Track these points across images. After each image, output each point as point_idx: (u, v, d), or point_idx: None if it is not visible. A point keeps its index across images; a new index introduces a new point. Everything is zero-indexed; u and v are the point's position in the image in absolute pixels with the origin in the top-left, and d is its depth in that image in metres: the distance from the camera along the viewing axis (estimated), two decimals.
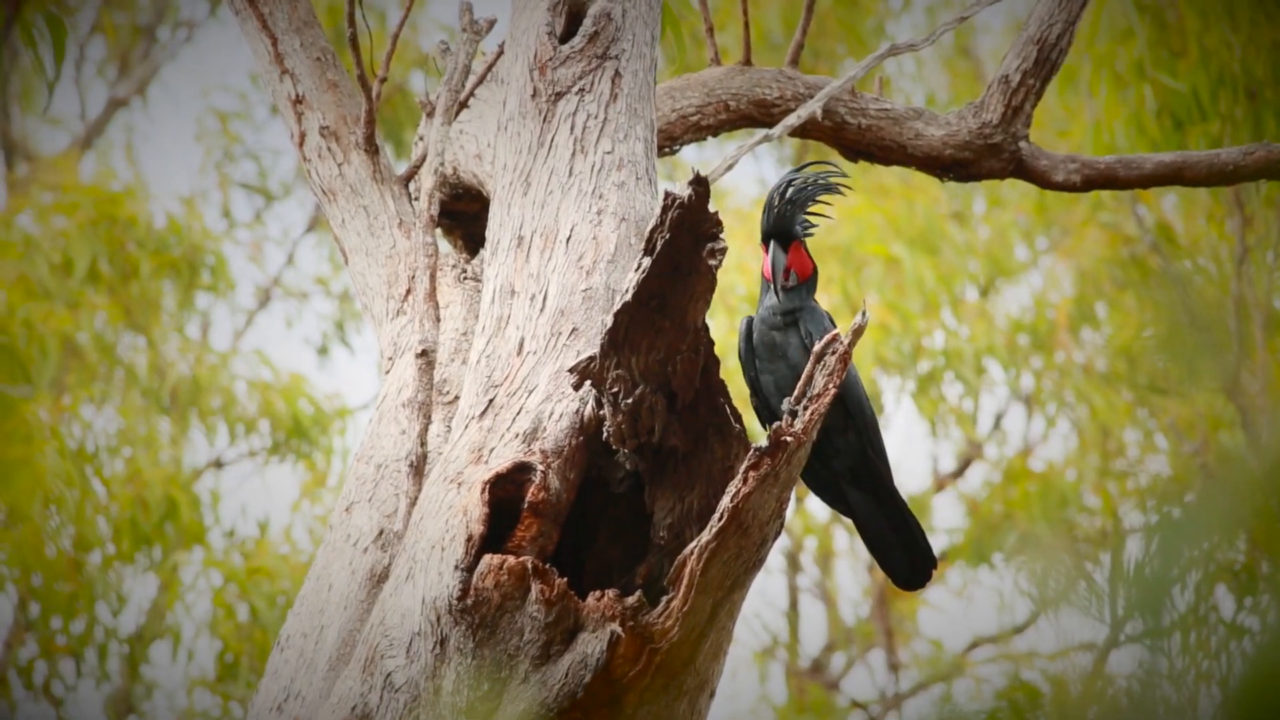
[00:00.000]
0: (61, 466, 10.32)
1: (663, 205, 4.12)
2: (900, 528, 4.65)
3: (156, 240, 11.78)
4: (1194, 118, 9.01)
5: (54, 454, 10.40)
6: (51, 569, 10.58)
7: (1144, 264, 12.52)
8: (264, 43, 5.24)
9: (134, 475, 10.88)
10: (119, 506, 10.74)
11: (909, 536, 4.65)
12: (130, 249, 11.65)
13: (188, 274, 11.93)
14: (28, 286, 11.33)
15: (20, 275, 11.31)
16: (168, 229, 11.81)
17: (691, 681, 4.21)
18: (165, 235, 11.81)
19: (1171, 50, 9.16)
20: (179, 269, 11.88)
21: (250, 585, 10.90)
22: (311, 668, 4.49)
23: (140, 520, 10.73)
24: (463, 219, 5.47)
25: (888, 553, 4.67)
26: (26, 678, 10.83)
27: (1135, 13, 9.27)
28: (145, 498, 10.76)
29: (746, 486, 4.10)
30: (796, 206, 4.61)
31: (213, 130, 14.40)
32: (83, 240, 11.49)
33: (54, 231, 11.56)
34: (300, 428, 12.03)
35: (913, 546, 4.66)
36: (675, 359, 4.24)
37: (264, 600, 10.88)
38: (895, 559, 4.68)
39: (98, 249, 11.55)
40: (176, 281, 11.91)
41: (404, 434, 4.72)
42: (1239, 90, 8.90)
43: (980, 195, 13.80)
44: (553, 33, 4.78)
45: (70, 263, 11.45)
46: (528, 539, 4.24)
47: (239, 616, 10.91)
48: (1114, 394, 13.03)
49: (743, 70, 5.80)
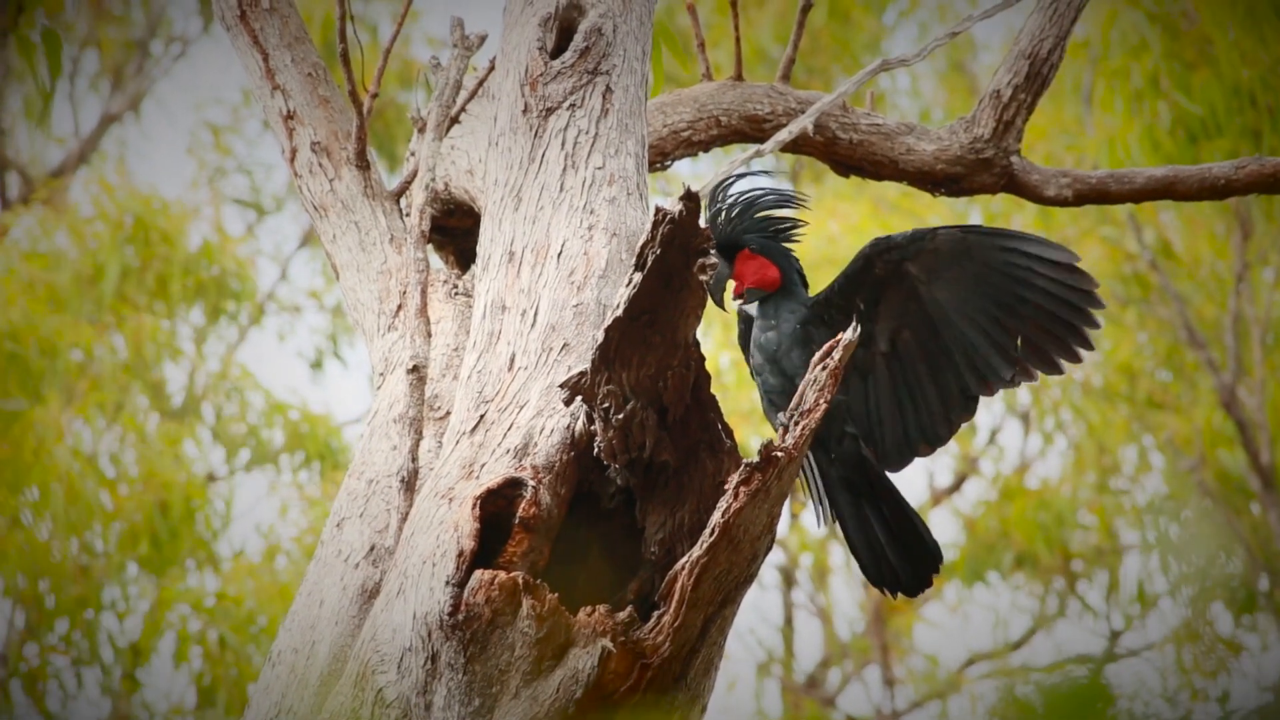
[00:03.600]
0: (69, 476, 10.33)
1: (654, 220, 4.12)
2: (904, 529, 4.61)
3: (187, 257, 11.82)
4: (1209, 132, 9.01)
5: (63, 462, 10.41)
6: (57, 577, 10.59)
7: (1144, 280, 12.53)
8: (255, 58, 5.24)
9: (142, 484, 10.88)
10: (125, 516, 10.74)
11: (914, 537, 4.60)
12: (130, 258, 11.67)
13: (215, 294, 11.97)
14: (45, 299, 11.35)
15: (46, 287, 11.33)
16: (201, 250, 11.86)
17: (683, 697, 4.21)
18: (188, 254, 11.84)
19: (1185, 62, 9.16)
20: (206, 289, 11.92)
21: (238, 606, 10.90)
22: (303, 683, 4.48)
23: (157, 526, 10.73)
24: (454, 235, 5.46)
25: (879, 560, 4.64)
26: (29, 685, 10.83)
27: (1148, 25, 9.26)
28: (152, 508, 10.75)
29: (737, 502, 4.09)
30: (741, 217, 4.60)
31: (205, 144, 14.42)
32: (111, 252, 11.53)
33: (57, 247, 11.59)
34: (308, 443, 12.05)
35: (916, 547, 4.61)
36: (666, 374, 4.24)
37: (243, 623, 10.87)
38: (888, 565, 4.64)
39: (125, 261, 11.58)
40: (205, 300, 11.94)
41: (395, 449, 4.71)
42: (1257, 104, 8.89)
43: (977, 211, 13.81)
44: (544, 48, 4.78)
45: (101, 272, 11.48)
46: (519, 554, 4.24)
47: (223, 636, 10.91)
48: (1112, 410, 13.03)
49: (734, 85, 5.80)
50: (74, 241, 11.63)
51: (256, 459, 12.25)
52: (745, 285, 4.70)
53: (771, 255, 4.62)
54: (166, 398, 11.96)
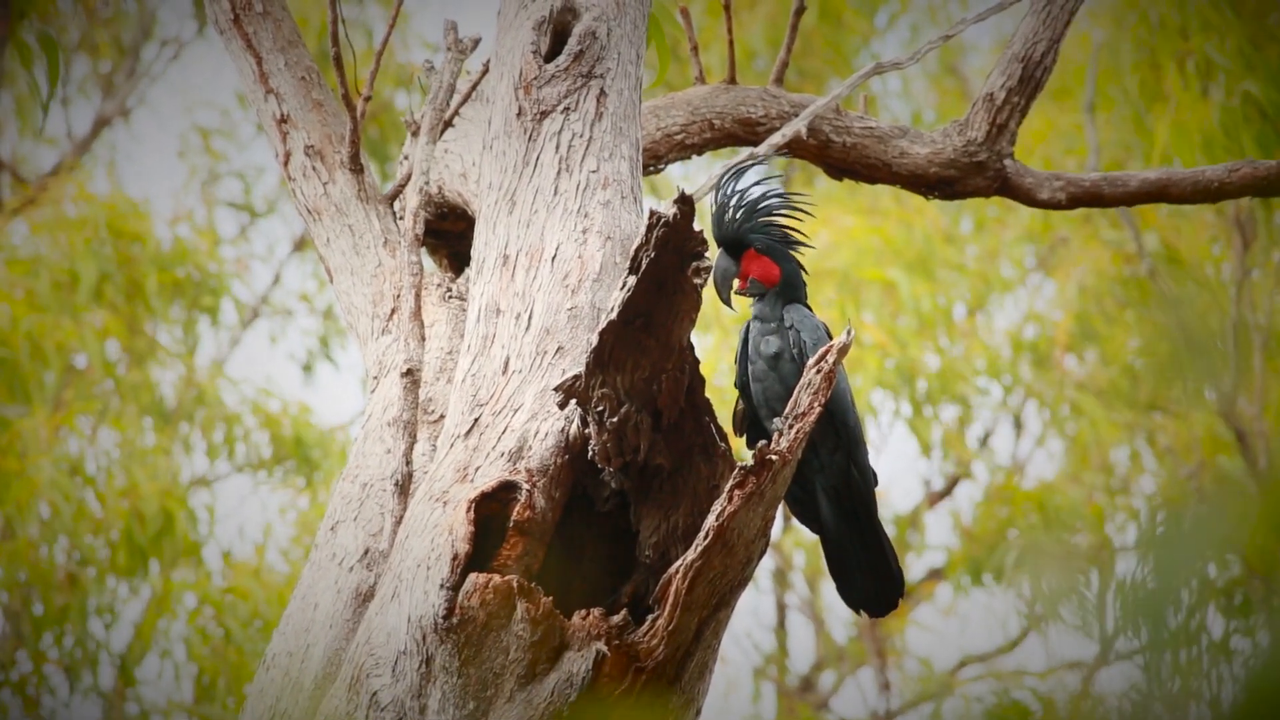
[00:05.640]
0: (58, 481, 10.32)
1: (648, 224, 4.12)
2: (873, 550, 4.62)
3: (161, 258, 11.80)
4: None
5: (50, 468, 10.40)
6: (46, 583, 10.57)
7: (1143, 283, 12.54)
8: (249, 62, 5.24)
9: (129, 490, 10.87)
10: (114, 521, 10.73)
11: (881, 561, 4.62)
12: (136, 260, 11.67)
13: (192, 293, 11.95)
14: (30, 301, 11.34)
15: (27, 290, 11.32)
16: (174, 250, 11.84)
17: (677, 700, 4.21)
18: (171, 255, 11.83)
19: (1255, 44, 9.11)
20: (184, 289, 11.90)
21: (229, 605, 10.89)
22: (297, 687, 4.48)
23: (135, 534, 10.72)
24: (448, 238, 5.46)
25: (850, 575, 4.64)
26: (20, 692, 10.81)
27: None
28: (141, 512, 10.74)
29: (732, 505, 4.10)
30: (748, 217, 4.61)
31: (197, 146, 14.42)
32: (89, 257, 11.51)
33: (56, 247, 11.58)
34: (300, 448, 12.04)
35: (883, 571, 4.63)
36: (660, 377, 4.24)
37: (241, 622, 10.86)
38: (858, 582, 4.64)
39: (104, 265, 11.57)
40: (182, 301, 11.93)
41: (389, 453, 4.71)
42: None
43: (968, 214, 13.82)
44: (538, 51, 4.78)
45: (77, 278, 11.47)
46: (513, 558, 4.24)
47: (219, 635, 10.90)
48: (1110, 413, 13.04)
49: (727, 89, 5.80)
50: (53, 246, 11.62)
51: (246, 463, 12.24)
52: (748, 280, 4.69)
53: (775, 256, 4.62)
54: (156, 403, 11.94)
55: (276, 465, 12.26)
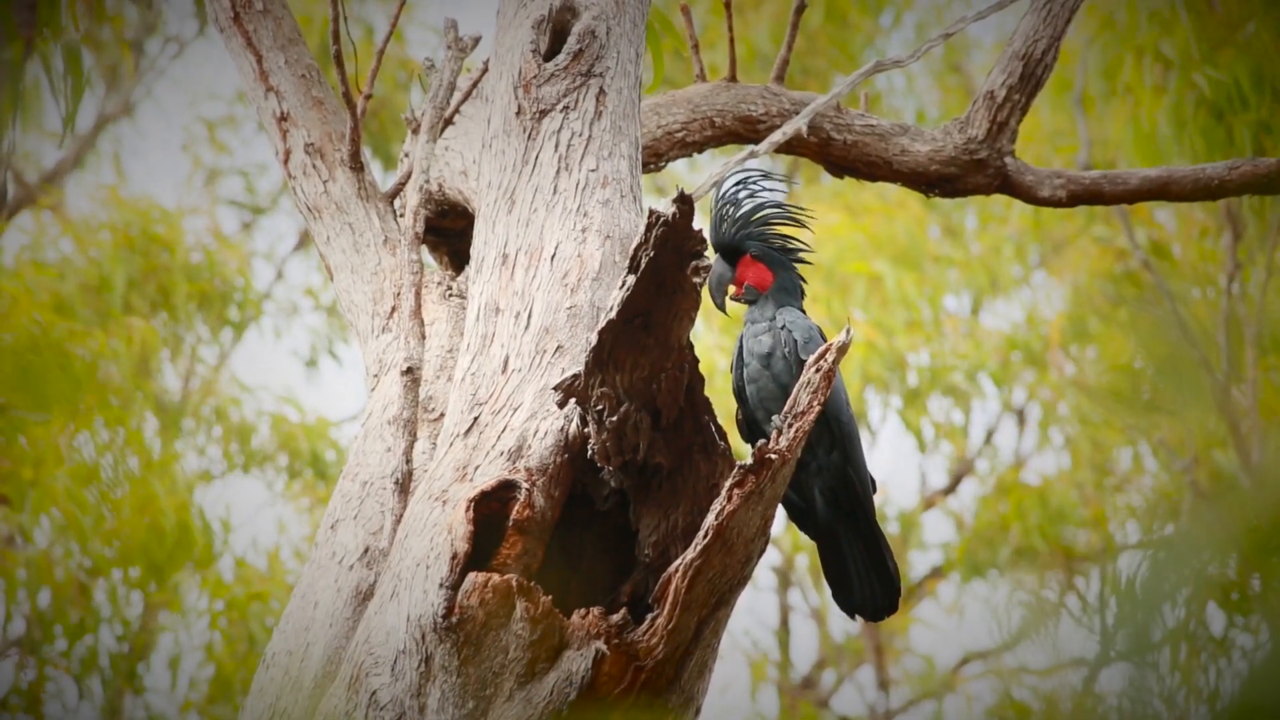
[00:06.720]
0: (73, 488, 10.32)
1: (647, 223, 4.12)
2: (871, 554, 4.62)
3: (189, 269, 11.81)
4: (1235, 108, 8.96)
5: (64, 476, 10.40)
6: (59, 589, 10.57)
7: (1137, 279, 12.53)
8: (249, 60, 5.24)
9: (142, 497, 10.86)
10: (127, 530, 10.72)
11: (878, 564, 4.62)
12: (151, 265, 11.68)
13: (219, 304, 11.96)
14: (58, 306, 11.34)
15: (53, 294, 11.32)
16: (204, 262, 11.86)
17: (677, 699, 4.21)
18: (194, 264, 11.84)
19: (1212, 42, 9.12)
20: (210, 297, 11.92)
21: (248, 610, 10.90)
22: (297, 686, 4.48)
23: (151, 544, 10.71)
24: (448, 236, 5.46)
25: (847, 580, 4.63)
26: (28, 699, 10.80)
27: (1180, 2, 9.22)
28: (154, 520, 10.74)
29: (731, 504, 4.10)
30: (745, 223, 4.61)
31: (200, 138, 14.43)
32: (114, 262, 11.52)
33: (63, 254, 11.58)
34: (316, 463, 12.06)
35: (881, 575, 4.62)
36: (660, 376, 4.24)
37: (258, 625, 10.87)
38: (854, 587, 4.63)
39: (131, 271, 11.58)
40: (206, 310, 11.94)
41: (389, 451, 4.71)
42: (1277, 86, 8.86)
43: (971, 211, 13.82)
44: (537, 50, 4.78)
45: (106, 282, 11.48)
46: (512, 557, 4.24)
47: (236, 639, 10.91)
48: (1105, 410, 13.03)
49: (728, 87, 5.80)
50: (79, 250, 11.62)
51: (252, 462, 12.25)
52: (743, 286, 4.70)
53: (771, 263, 4.63)
54: (166, 405, 11.95)
55: (294, 479, 12.28)
